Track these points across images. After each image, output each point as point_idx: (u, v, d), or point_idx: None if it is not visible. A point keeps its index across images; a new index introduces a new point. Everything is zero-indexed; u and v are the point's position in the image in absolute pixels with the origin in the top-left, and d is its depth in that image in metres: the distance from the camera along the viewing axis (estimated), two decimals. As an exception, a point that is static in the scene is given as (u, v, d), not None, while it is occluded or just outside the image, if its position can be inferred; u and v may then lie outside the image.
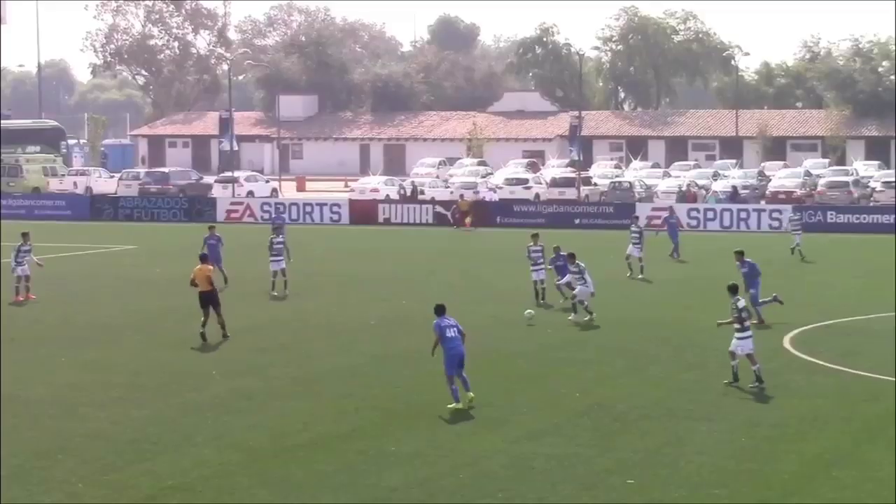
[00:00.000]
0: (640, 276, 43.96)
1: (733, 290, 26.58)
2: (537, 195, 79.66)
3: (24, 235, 40.95)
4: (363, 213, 72.42)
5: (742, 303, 26.32)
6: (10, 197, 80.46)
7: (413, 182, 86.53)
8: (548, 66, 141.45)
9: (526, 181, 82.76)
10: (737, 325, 26.12)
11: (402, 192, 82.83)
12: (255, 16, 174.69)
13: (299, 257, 43.05)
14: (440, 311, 24.79)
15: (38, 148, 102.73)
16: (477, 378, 27.12)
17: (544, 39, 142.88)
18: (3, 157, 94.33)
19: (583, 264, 35.34)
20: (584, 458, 20.80)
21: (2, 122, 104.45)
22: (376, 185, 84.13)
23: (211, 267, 33.02)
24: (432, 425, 23.11)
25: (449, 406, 24.01)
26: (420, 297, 35.88)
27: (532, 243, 38.79)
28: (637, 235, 44.96)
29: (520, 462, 20.60)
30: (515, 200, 75.93)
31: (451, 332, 24.47)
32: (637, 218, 48.35)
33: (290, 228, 54.81)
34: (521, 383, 26.80)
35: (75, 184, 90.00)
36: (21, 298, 39.46)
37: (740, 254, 35.09)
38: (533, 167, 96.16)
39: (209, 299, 31.87)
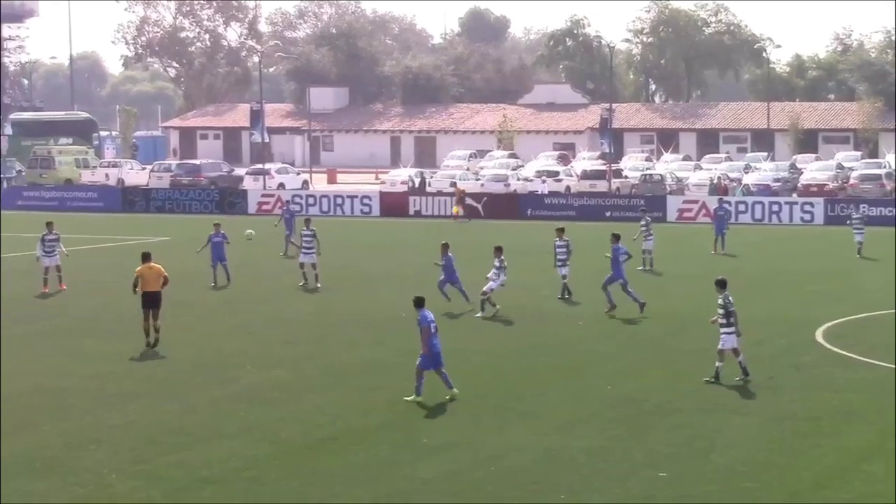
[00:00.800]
0: (648, 268, 44.01)
1: (721, 284, 26.03)
2: (568, 188, 79.61)
3: (49, 225, 40.44)
4: (394, 205, 72.49)
5: (731, 297, 26.03)
6: (43, 188, 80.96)
7: (422, 173, 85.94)
8: (578, 59, 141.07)
9: (557, 174, 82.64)
10: (722, 321, 25.89)
11: (411, 184, 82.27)
12: (286, 8, 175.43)
13: (329, 250, 43.00)
14: (420, 303, 24.51)
15: (70, 140, 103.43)
16: (507, 370, 27.16)
17: (575, 32, 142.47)
18: (35, 148, 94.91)
19: (505, 262, 34.84)
20: (616, 451, 20.76)
21: (34, 114, 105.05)
22: (407, 177, 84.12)
23: (159, 266, 30.34)
24: (463, 418, 23.10)
25: (407, 398, 24.06)
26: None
27: (557, 238, 38.20)
28: (645, 228, 44.98)
29: (551, 455, 20.57)
30: (546, 193, 75.92)
31: (433, 328, 24.23)
32: (645, 211, 48.33)
33: (321, 221, 54.79)
34: (551, 376, 26.76)
35: (107, 175, 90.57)
36: (47, 290, 39.31)
37: (616, 237, 35.36)
38: (564, 160, 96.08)
39: (155, 300, 29.89)
